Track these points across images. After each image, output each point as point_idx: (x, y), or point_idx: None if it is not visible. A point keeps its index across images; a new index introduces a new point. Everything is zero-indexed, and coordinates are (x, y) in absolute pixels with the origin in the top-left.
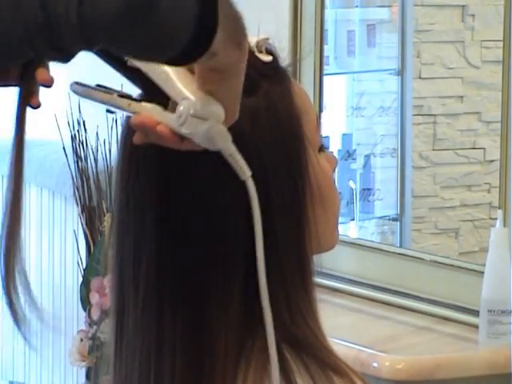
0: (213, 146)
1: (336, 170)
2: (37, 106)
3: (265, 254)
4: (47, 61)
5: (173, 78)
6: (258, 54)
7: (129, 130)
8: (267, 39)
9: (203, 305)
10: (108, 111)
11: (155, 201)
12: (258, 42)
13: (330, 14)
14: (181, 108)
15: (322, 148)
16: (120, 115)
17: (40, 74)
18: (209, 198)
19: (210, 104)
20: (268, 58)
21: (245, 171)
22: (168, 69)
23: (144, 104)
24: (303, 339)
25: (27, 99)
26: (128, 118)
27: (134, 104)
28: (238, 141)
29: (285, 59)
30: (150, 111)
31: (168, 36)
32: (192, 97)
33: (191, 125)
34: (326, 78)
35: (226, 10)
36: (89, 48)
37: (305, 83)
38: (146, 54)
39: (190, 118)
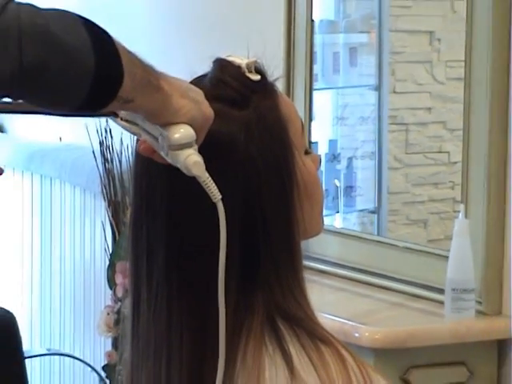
0: (190, 173)
1: (320, 168)
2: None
3: (259, 242)
4: None
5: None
6: (248, 74)
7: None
8: (255, 61)
9: (206, 289)
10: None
11: (165, 199)
12: (247, 64)
13: (318, 38)
14: (160, 144)
15: (307, 150)
16: None
17: None
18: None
19: (180, 132)
20: (257, 77)
21: (215, 194)
22: None
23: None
24: (294, 314)
25: None
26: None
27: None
28: (233, 148)
29: (272, 75)
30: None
31: (63, 92)
32: (165, 132)
33: (172, 156)
34: (314, 93)
35: (130, 62)
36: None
37: (297, 97)
38: (50, 106)
39: (169, 152)
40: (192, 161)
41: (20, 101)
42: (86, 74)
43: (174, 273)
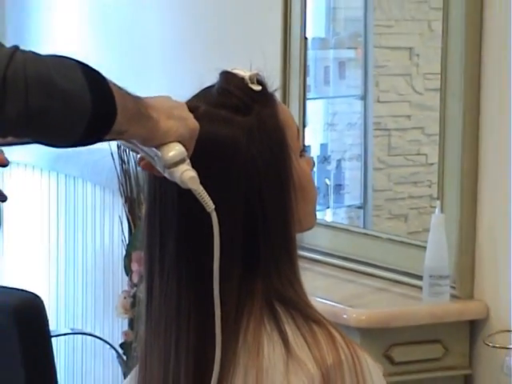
0: (186, 187)
1: (314, 169)
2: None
3: (259, 235)
4: None
5: None
6: (250, 85)
7: None
8: (257, 73)
9: (212, 278)
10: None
11: (175, 195)
12: (250, 76)
13: (311, 54)
14: (156, 162)
15: (302, 153)
16: None
17: None
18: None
19: (172, 151)
20: (258, 88)
21: (209, 205)
22: None
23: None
24: (290, 298)
25: None
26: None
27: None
28: (236, 149)
29: (272, 86)
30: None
31: (62, 131)
32: (159, 153)
33: (169, 173)
34: (308, 102)
35: (122, 98)
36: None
37: (292, 105)
38: (50, 142)
39: (166, 170)
40: (187, 176)
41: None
42: (83, 114)
43: (183, 262)
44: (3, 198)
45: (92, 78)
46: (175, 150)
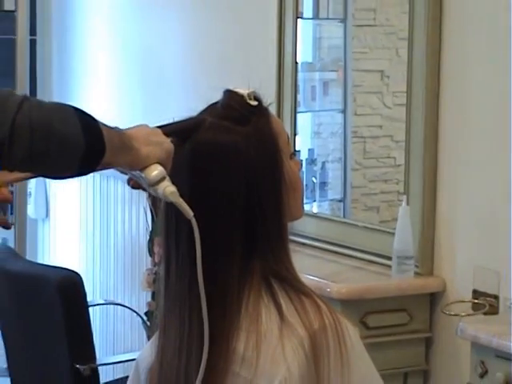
0: (168, 200)
1: (301, 169)
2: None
3: (257, 223)
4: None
5: None
6: (248, 101)
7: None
8: (254, 91)
9: (217, 262)
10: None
11: (187, 191)
12: (248, 94)
13: (300, 75)
14: (142, 181)
15: (292, 156)
16: None
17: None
18: (218, 186)
19: (154, 171)
20: (255, 103)
21: (188, 213)
22: None
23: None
24: (283, 275)
25: None
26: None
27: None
28: (237, 152)
29: (266, 101)
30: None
31: (59, 168)
32: (143, 174)
33: (153, 190)
34: (298, 115)
35: (109, 135)
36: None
37: (285, 117)
38: (50, 176)
39: (150, 187)
40: (169, 192)
41: None
42: (77, 154)
43: (194, 247)
44: (8, 226)
45: (86, 122)
46: (156, 171)
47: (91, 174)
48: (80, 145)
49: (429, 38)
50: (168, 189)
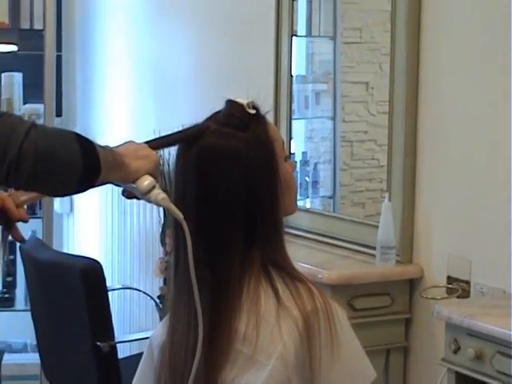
0: (160, 205)
1: (296, 170)
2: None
3: (256, 217)
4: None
5: None
6: (247, 110)
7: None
8: (252, 101)
9: (220, 251)
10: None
11: (194, 189)
12: (247, 103)
13: (295, 86)
14: (135, 191)
15: (287, 159)
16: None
17: (14, 234)
18: (221, 185)
19: (145, 181)
20: (253, 111)
21: (179, 216)
22: None
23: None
24: (280, 263)
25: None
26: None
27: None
28: (238, 155)
29: (263, 110)
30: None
31: (60, 189)
32: (135, 185)
33: (146, 199)
34: (293, 122)
35: (105, 156)
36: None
37: (281, 124)
38: (51, 194)
39: (143, 196)
40: (160, 198)
41: None
42: (76, 176)
43: (200, 239)
44: (23, 240)
45: (85, 146)
46: (147, 181)
47: None
48: (79, 168)
49: (408, 53)
50: (159, 196)
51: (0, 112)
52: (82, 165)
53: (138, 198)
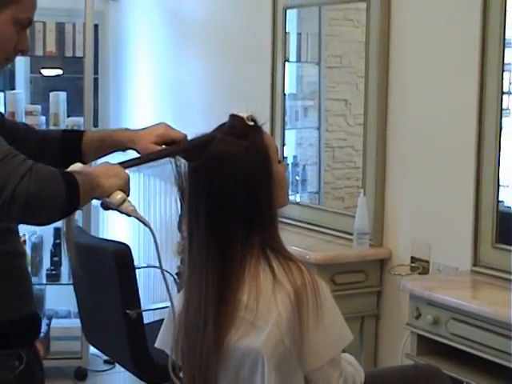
0: (130, 216)
1: (288, 171)
2: None
3: (254, 210)
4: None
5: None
6: (247, 122)
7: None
8: (251, 115)
9: (226, 237)
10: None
11: (204, 188)
12: (247, 117)
13: (287, 102)
14: (111, 203)
15: (280, 162)
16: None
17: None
18: (226, 183)
19: (117, 196)
20: (252, 123)
21: (147, 224)
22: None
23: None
24: (276, 247)
25: None
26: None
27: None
28: (239, 159)
29: (260, 122)
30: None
31: (44, 222)
32: (109, 200)
33: (119, 209)
34: (286, 131)
35: (83, 186)
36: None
37: (276, 133)
38: (38, 225)
39: (116, 207)
40: (130, 209)
41: None
42: (59, 212)
43: (209, 226)
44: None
45: (69, 183)
46: (119, 196)
47: (137, 173)
48: (62, 206)
49: (379, 76)
50: (129, 208)
51: (7, 151)
52: (65, 204)
53: (113, 209)
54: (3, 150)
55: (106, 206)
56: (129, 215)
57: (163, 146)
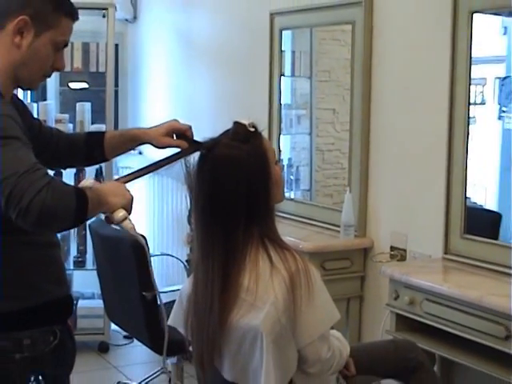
0: (129, 233)
1: (283, 171)
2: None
3: (254, 206)
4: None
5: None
6: (249, 128)
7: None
8: (252, 122)
9: (229, 227)
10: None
11: (211, 186)
12: (248, 124)
13: (283, 111)
14: (112, 219)
15: (276, 163)
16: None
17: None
18: (230, 182)
19: (119, 213)
20: (252, 129)
21: (140, 239)
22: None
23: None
24: (273, 237)
25: None
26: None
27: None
28: (241, 161)
29: (260, 128)
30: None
31: (58, 230)
32: (111, 215)
33: (119, 226)
34: (282, 136)
35: (91, 201)
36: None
37: (273, 138)
38: (50, 232)
39: (117, 224)
40: (129, 227)
41: None
42: (69, 223)
43: (214, 219)
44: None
45: (79, 198)
46: (121, 213)
47: (152, 174)
48: (72, 217)
49: (363, 88)
50: (129, 226)
51: (31, 165)
52: (74, 217)
53: (114, 224)
54: (29, 163)
55: (108, 221)
56: (129, 232)
57: (174, 137)
